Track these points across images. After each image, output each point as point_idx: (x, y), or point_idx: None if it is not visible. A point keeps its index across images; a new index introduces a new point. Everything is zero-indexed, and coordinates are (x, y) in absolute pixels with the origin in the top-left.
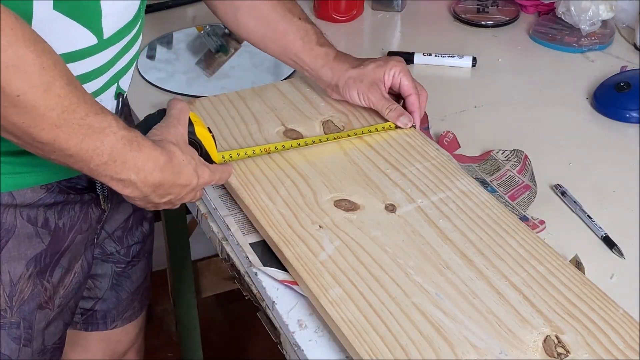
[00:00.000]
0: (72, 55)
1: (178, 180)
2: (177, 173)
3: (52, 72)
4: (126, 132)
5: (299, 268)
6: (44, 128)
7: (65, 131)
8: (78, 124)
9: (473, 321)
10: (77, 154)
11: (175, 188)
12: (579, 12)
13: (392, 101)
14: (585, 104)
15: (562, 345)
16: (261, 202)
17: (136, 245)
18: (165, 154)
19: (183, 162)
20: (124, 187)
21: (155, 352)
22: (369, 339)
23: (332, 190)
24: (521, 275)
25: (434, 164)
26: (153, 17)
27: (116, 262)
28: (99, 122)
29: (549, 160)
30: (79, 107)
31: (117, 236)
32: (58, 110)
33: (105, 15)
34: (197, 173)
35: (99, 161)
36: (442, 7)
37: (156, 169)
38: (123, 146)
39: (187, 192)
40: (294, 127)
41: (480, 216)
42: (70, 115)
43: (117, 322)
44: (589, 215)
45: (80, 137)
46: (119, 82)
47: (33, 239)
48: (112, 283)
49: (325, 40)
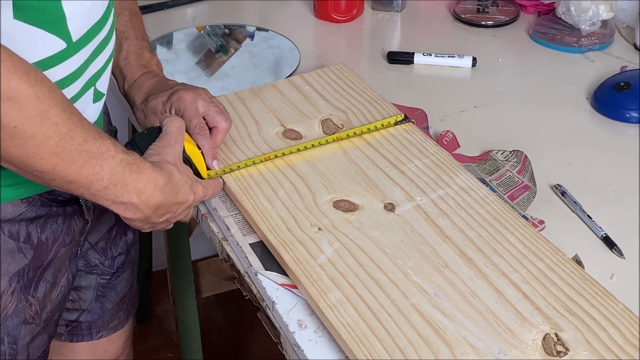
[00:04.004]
0: (44, 63)
1: (176, 199)
2: (176, 192)
3: (47, 100)
4: (125, 155)
5: (298, 272)
6: (43, 157)
7: (64, 158)
8: (77, 150)
9: (472, 321)
10: (77, 180)
11: (173, 207)
12: (579, 12)
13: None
14: (585, 104)
15: (561, 343)
16: (260, 205)
17: (120, 257)
18: (165, 174)
19: (180, 181)
20: (125, 210)
21: (155, 352)
22: (368, 342)
23: (331, 191)
24: (520, 272)
25: (433, 160)
26: (153, 17)
27: (100, 273)
28: (97, 147)
29: (549, 160)
30: (76, 133)
31: (101, 247)
32: (56, 138)
33: (69, 18)
34: (192, 190)
35: (100, 186)
36: (442, 7)
37: (157, 190)
38: (123, 169)
39: (183, 210)
40: (293, 127)
41: (480, 212)
42: (68, 142)
43: (102, 332)
44: (589, 215)
45: (80, 163)
46: (96, 85)
47: (15, 255)
48: (96, 294)
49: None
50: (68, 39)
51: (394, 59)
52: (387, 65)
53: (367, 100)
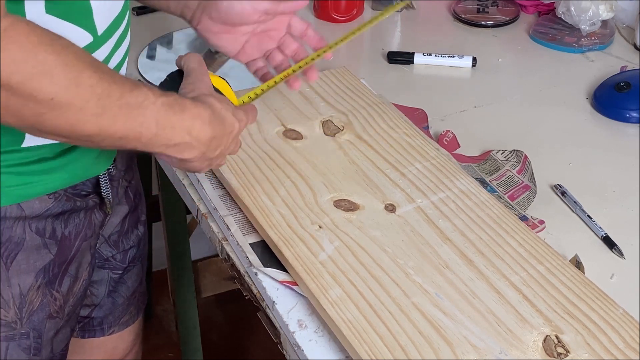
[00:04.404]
0: None
1: (224, 129)
2: (222, 122)
3: (76, 65)
4: (164, 97)
5: (299, 268)
6: (87, 121)
7: (107, 117)
8: (117, 106)
9: (473, 321)
10: (126, 134)
11: (223, 138)
12: (579, 12)
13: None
14: (585, 104)
15: (562, 345)
16: (261, 202)
17: (132, 250)
18: (208, 107)
19: (222, 110)
20: (181, 152)
21: (155, 352)
22: (369, 339)
23: (331, 191)
24: (521, 274)
25: (433, 163)
26: (153, 17)
27: (112, 268)
28: (135, 98)
29: (549, 160)
30: (112, 90)
31: (113, 240)
32: (94, 99)
33: (95, 12)
34: (236, 117)
35: (150, 134)
36: (442, 7)
37: (205, 124)
38: (166, 112)
39: (231, 140)
40: (294, 127)
41: (480, 216)
42: (106, 100)
43: (114, 328)
44: (589, 215)
45: (123, 118)
46: None
47: (41, 250)
48: (108, 290)
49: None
50: (94, 32)
51: (394, 59)
52: (387, 65)
53: (368, 103)
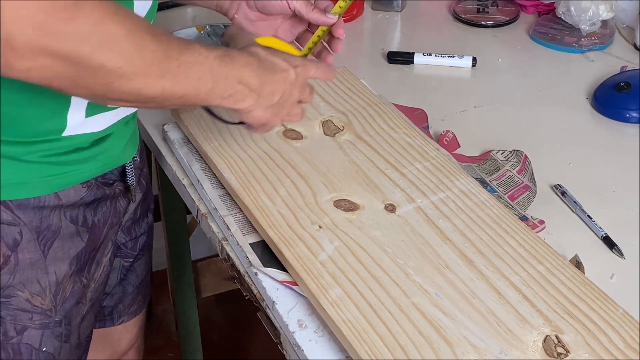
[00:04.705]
0: None
1: (275, 72)
2: (272, 66)
3: (138, 32)
4: (216, 51)
5: (299, 268)
6: (152, 84)
7: (169, 79)
8: (176, 66)
9: (473, 321)
10: (186, 92)
11: (278, 84)
12: (579, 12)
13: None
14: (585, 104)
15: (562, 345)
16: (261, 202)
17: (142, 237)
18: (254, 54)
19: (269, 55)
20: (237, 102)
21: (155, 352)
22: (369, 339)
23: (331, 191)
24: (521, 275)
25: (433, 163)
26: None
27: (124, 256)
28: (190, 55)
29: (549, 160)
30: (170, 52)
31: (127, 227)
32: (156, 63)
33: (136, 10)
34: (287, 61)
35: (207, 88)
36: (442, 7)
37: (252, 71)
38: (219, 65)
39: (289, 86)
40: (294, 126)
41: (480, 216)
42: (167, 63)
43: (123, 317)
44: (589, 215)
45: (183, 77)
46: None
47: (74, 238)
48: (120, 278)
49: None
50: None
51: (394, 59)
52: (387, 65)
53: (368, 103)
